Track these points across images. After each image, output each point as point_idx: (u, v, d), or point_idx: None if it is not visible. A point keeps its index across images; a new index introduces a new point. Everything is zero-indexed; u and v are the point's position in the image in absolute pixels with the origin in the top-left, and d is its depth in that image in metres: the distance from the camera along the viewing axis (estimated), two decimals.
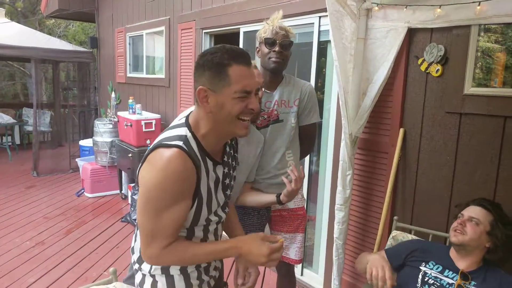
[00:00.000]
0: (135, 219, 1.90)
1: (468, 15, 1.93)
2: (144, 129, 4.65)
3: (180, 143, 1.12)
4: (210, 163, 1.22)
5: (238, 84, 1.12)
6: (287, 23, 3.07)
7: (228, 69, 1.11)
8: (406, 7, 2.17)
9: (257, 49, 2.08)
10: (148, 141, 4.65)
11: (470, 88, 2.05)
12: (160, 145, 1.13)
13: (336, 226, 2.58)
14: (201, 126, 1.18)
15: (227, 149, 1.35)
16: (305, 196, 3.18)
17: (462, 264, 1.72)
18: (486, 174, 2.02)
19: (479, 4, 1.85)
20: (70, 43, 9.69)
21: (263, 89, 2.07)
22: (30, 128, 7.88)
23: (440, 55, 2.14)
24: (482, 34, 2.02)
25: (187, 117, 1.22)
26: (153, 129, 4.74)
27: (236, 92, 1.12)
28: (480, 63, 2.04)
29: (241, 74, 1.13)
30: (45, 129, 8.08)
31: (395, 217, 2.31)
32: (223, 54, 1.12)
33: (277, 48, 1.96)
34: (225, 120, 1.15)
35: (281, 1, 3.12)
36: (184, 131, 1.17)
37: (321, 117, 3.15)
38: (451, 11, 2.00)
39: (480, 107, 2.01)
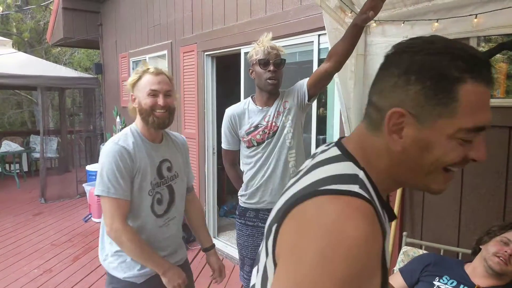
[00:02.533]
0: None
1: (465, 27, 1.94)
2: None
3: (355, 187, 0.66)
4: (386, 219, 0.75)
5: (470, 116, 0.65)
6: (287, 42, 3.13)
7: (458, 88, 0.64)
8: (403, 23, 2.19)
9: (250, 71, 2.13)
10: None
11: None
12: (316, 192, 0.66)
13: None
14: (375, 163, 0.72)
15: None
16: None
17: (479, 280, 1.67)
18: (494, 186, 1.99)
19: (476, 17, 1.86)
20: (76, 69, 9.87)
21: (260, 107, 2.10)
22: (37, 155, 7.95)
23: None
24: (482, 44, 2.02)
25: (340, 143, 0.78)
26: None
27: (461, 130, 0.65)
28: None
29: (478, 100, 0.65)
30: (52, 156, 8.15)
31: (404, 233, 2.27)
32: (453, 59, 0.65)
33: (271, 68, 2.01)
34: (424, 168, 0.69)
35: (280, 21, 3.16)
36: (350, 167, 0.71)
37: (325, 133, 3.15)
38: (448, 24, 2.01)
39: None
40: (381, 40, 2.35)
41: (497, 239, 1.65)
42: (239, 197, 2.23)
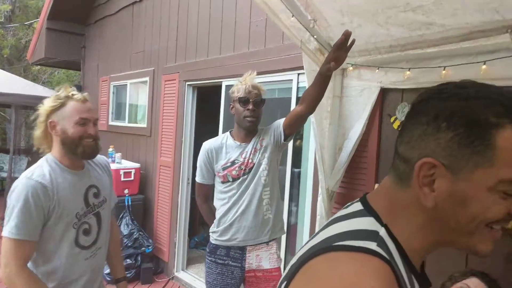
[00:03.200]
0: None
1: (434, 78, 2.04)
2: (122, 179, 4.59)
3: (373, 245, 0.60)
4: (416, 285, 0.65)
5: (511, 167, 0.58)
6: (267, 78, 3.21)
7: (496, 135, 0.58)
8: (378, 69, 2.29)
9: (231, 106, 2.18)
10: (126, 191, 4.58)
11: None
12: (330, 247, 0.61)
13: None
14: (405, 221, 0.65)
15: None
16: (284, 249, 3.14)
17: None
18: None
19: (444, 69, 1.97)
20: (54, 89, 9.73)
21: (238, 143, 2.13)
22: (5, 175, 7.67)
23: None
24: None
25: (364, 198, 0.71)
26: (132, 178, 4.69)
27: (502, 182, 0.58)
28: None
29: None
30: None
31: None
32: (489, 104, 0.59)
33: (250, 106, 2.06)
34: (462, 226, 0.62)
35: (261, 58, 3.25)
36: (370, 223, 0.65)
37: (300, 166, 3.18)
38: (419, 74, 2.11)
39: None
40: (357, 83, 2.44)
41: (458, 285, 1.68)
42: (210, 234, 2.20)
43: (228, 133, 2.25)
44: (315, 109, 2.05)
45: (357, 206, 0.70)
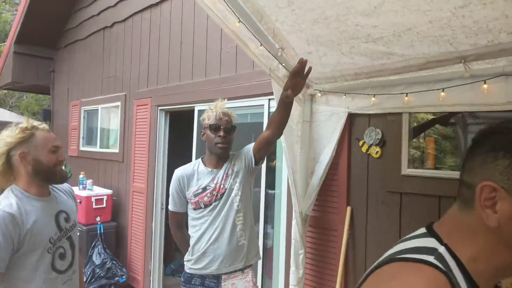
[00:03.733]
0: None
1: (398, 104, 2.13)
2: (94, 206, 4.49)
3: (430, 258, 0.67)
4: None
5: None
6: (239, 103, 3.25)
7: None
8: (345, 95, 2.37)
9: (202, 133, 2.20)
10: (98, 218, 4.47)
11: (406, 169, 2.20)
12: (391, 259, 0.71)
13: None
14: (465, 243, 0.70)
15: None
16: (260, 272, 3.13)
17: None
18: None
19: (406, 95, 2.07)
20: (22, 114, 9.48)
21: (210, 169, 2.14)
22: None
23: (378, 138, 2.31)
24: (412, 120, 2.23)
25: (430, 223, 0.78)
26: (104, 205, 4.59)
27: None
28: (412, 146, 2.22)
29: None
30: None
31: None
32: None
33: (221, 133, 2.08)
34: None
35: (232, 83, 3.30)
36: (431, 242, 0.72)
37: (275, 187, 3.20)
38: (383, 100, 2.20)
39: (416, 187, 2.14)
40: (325, 109, 2.51)
41: None
42: (185, 262, 2.18)
43: (200, 159, 2.25)
44: (282, 133, 2.10)
45: (421, 230, 0.78)
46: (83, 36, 5.99)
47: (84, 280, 3.95)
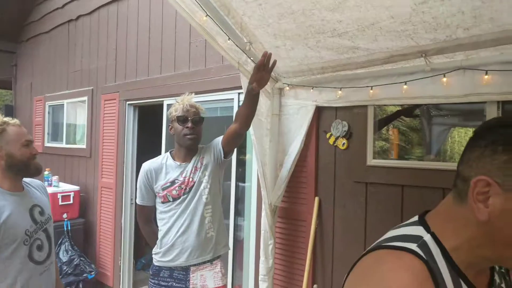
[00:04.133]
0: None
1: (363, 97, 2.20)
2: (60, 202, 4.36)
3: (413, 245, 0.71)
4: None
5: None
6: (209, 97, 3.24)
7: None
8: (312, 88, 2.42)
9: (170, 127, 2.18)
10: (65, 215, 4.35)
11: (372, 160, 2.27)
12: (378, 247, 0.74)
13: None
14: (453, 233, 0.73)
15: (496, 279, 0.82)
16: (231, 264, 3.16)
17: None
18: None
19: (371, 88, 2.13)
20: None
21: (179, 162, 2.13)
22: None
23: (345, 130, 2.37)
24: (378, 113, 2.30)
25: (422, 214, 0.81)
26: (71, 202, 4.47)
27: None
28: (377, 135, 2.30)
29: None
30: None
31: (315, 286, 2.37)
32: None
33: (189, 124, 2.08)
34: (508, 242, 0.69)
35: (202, 77, 3.29)
36: (418, 230, 0.75)
37: (245, 180, 3.22)
38: (350, 93, 2.26)
39: (381, 177, 2.22)
40: (294, 102, 2.55)
41: None
42: (153, 255, 2.17)
43: (168, 153, 2.24)
44: (250, 126, 2.11)
45: (414, 218, 0.81)
46: (47, 29, 5.78)
47: None
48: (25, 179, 1.83)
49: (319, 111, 2.51)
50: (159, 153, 3.84)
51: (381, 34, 1.78)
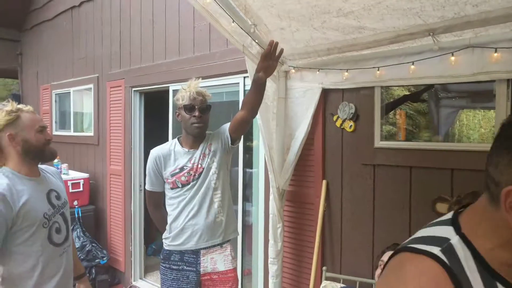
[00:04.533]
0: None
1: (370, 78, 2.17)
2: (71, 190, 4.42)
3: (436, 250, 0.69)
4: None
5: None
6: (214, 82, 3.23)
7: None
8: (318, 70, 2.39)
9: (177, 113, 2.18)
10: (75, 202, 4.41)
11: (379, 142, 2.25)
12: (404, 248, 0.74)
13: (270, 280, 2.60)
14: (486, 233, 0.72)
15: None
16: (240, 249, 3.19)
17: None
18: (400, 220, 2.19)
19: (378, 69, 2.10)
20: None
21: (187, 149, 2.14)
22: None
23: (352, 113, 2.35)
24: (385, 92, 2.28)
25: (456, 214, 0.78)
26: (81, 189, 4.53)
27: None
28: (385, 119, 2.28)
29: None
30: None
31: (324, 268, 2.39)
32: None
33: (196, 113, 2.07)
34: None
35: (207, 62, 3.26)
36: (447, 231, 0.73)
37: (252, 166, 3.24)
38: (356, 74, 2.23)
39: (389, 159, 2.21)
40: (300, 85, 2.53)
41: (378, 265, 1.89)
42: (163, 240, 2.20)
43: (176, 139, 2.24)
44: (257, 113, 2.11)
45: (449, 215, 0.78)
46: (50, 17, 5.75)
47: None
48: (40, 166, 1.87)
49: (326, 93, 2.48)
50: (166, 139, 3.86)
51: (388, 12, 1.74)
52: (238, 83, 3.10)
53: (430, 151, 2.07)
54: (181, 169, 2.11)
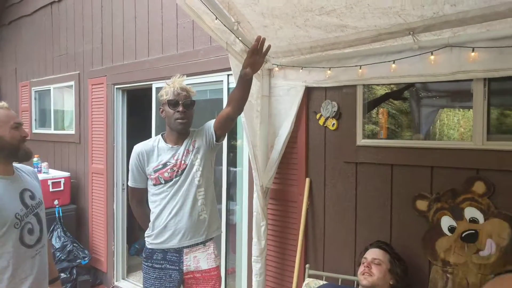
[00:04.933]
0: None
1: (352, 76, 2.19)
2: (51, 189, 4.33)
3: None
4: None
5: None
6: (198, 80, 3.21)
7: None
8: (302, 69, 2.40)
9: (161, 110, 2.16)
10: (56, 202, 4.33)
11: (361, 140, 2.28)
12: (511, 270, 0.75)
13: (254, 279, 2.60)
14: None
15: None
16: (224, 248, 3.18)
17: None
18: (382, 217, 2.22)
19: (360, 68, 2.12)
20: None
21: (171, 145, 2.12)
22: None
23: (334, 111, 2.37)
24: (368, 91, 2.30)
25: None
26: (62, 188, 4.44)
27: None
28: (367, 118, 2.30)
29: None
30: None
31: (307, 265, 2.40)
32: None
33: (180, 108, 2.06)
34: None
35: (191, 59, 3.24)
36: None
37: (236, 165, 3.23)
38: (339, 72, 2.25)
39: (371, 157, 2.23)
40: (283, 83, 2.54)
41: (361, 262, 1.92)
42: (145, 238, 2.17)
43: (160, 136, 2.23)
44: (243, 110, 2.11)
45: None
46: (29, 12, 5.62)
47: None
48: (16, 165, 1.81)
49: (309, 91, 2.49)
50: (149, 137, 3.81)
51: (369, 11, 1.76)
52: (222, 80, 3.08)
53: (411, 149, 2.10)
54: (164, 165, 2.10)
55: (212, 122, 2.17)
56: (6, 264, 1.61)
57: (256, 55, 1.85)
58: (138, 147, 2.18)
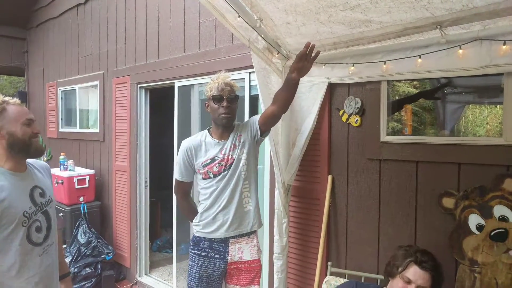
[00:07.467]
0: None
1: (376, 72, 2.16)
2: (76, 186, 4.44)
3: None
4: None
5: None
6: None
7: None
8: (324, 65, 2.38)
9: (206, 105, 2.23)
10: (81, 198, 4.44)
11: (385, 137, 2.25)
12: None
13: (275, 276, 2.60)
14: None
15: None
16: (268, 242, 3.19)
17: None
18: (406, 214, 2.18)
19: (385, 63, 2.09)
20: None
21: (217, 140, 2.17)
22: None
23: (358, 107, 2.34)
24: (391, 88, 2.26)
25: None
26: (87, 185, 4.55)
27: None
28: (391, 113, 2.27)
29: None
30: None
31: (329, 263, 2.38)
32: None
33: (225, 103, 2.12)
34: None
35: (213, 57, 3.26)
36: None
37: (259, 163, 3.23)
38: (362, 68, 2.22)
39: (395, 153, 2.20)
40: (306, 80, 2.51)
41: (400, 276, 1.74)
42: (193, 227, 2.25)
43: (206, 131, 2.29)
44: (288, 109, 2.14)
45: None
46: (56, 15, 5.78)
47: (71, 259, 3.96)
48: (29, 160, 1.80)
49: (332, 88, 2.48)
50: (172, 135, 3.87)
51: (395, 5, 1.73)
52: (244, 78, 3.09)
53: (437, 145, 2.06)
54: (212, 159, 2.16)
55: (257, 118, 2.22)
56: (13, 261, 1.61)
57: (304, 61, 1.86)
58: (186, 142, 2.25)
